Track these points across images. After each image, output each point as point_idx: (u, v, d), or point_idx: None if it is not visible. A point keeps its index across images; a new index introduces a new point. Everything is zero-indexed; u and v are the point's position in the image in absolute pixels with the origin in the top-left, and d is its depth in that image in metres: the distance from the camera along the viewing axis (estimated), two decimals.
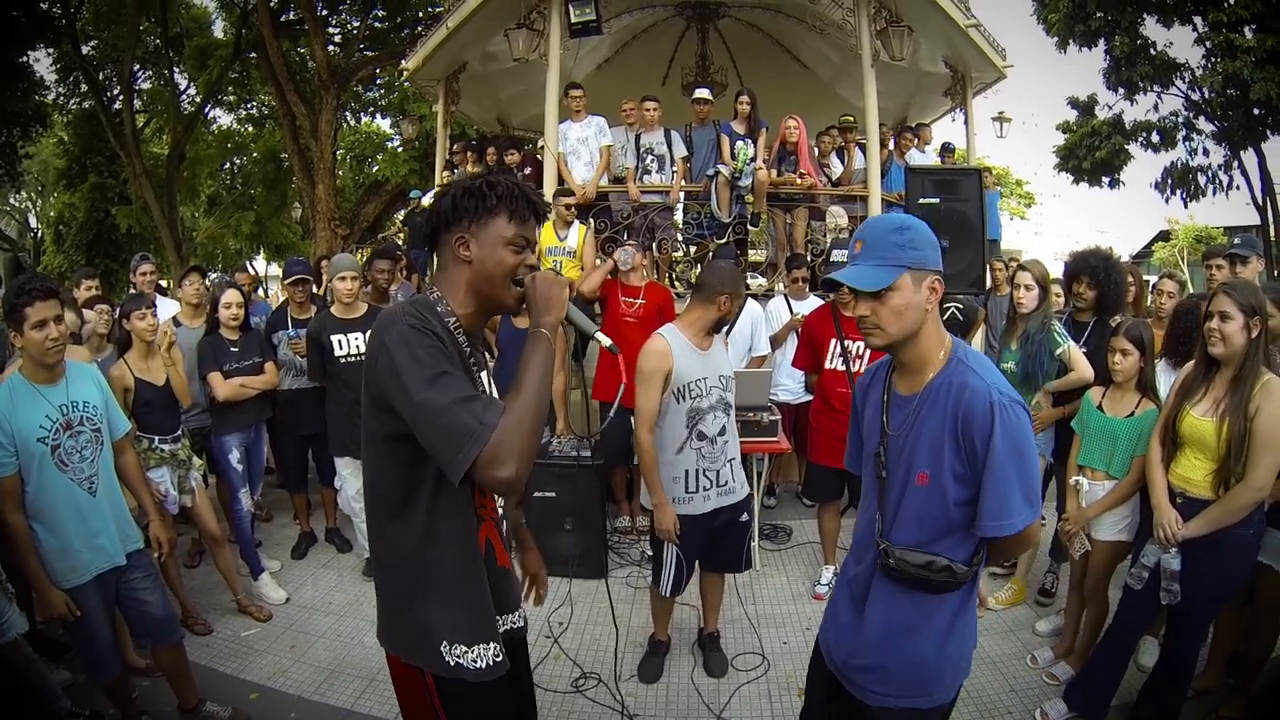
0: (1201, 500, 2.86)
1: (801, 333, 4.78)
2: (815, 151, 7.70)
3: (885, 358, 1.99)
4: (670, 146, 7.09)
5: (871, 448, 1.98)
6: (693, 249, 7.27)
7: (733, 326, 5.43)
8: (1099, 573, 3.47)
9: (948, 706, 1.95)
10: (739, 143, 6.79)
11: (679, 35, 10.23)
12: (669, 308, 5.26)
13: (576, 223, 6.18)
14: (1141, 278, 4.95)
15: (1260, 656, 3.23)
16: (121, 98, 17.93)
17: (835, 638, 2.07)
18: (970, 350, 1.85)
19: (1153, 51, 16.31)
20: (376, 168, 19.74)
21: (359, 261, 6.13)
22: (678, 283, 7.24)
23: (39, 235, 27.62)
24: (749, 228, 7.21)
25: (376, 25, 17.59)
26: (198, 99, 19.74)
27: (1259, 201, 16.69)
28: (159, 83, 19.81)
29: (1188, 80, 16.57)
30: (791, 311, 5.69)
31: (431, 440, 1.52)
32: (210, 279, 6.11)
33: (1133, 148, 18.13)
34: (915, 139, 8.49)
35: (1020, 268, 4.25)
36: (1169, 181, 18.07)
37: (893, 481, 1.90)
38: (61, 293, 2.92)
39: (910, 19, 7.38)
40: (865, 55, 7.46)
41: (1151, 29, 16.28)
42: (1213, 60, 15.39)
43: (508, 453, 1.48)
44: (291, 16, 16.89)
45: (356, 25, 17.40)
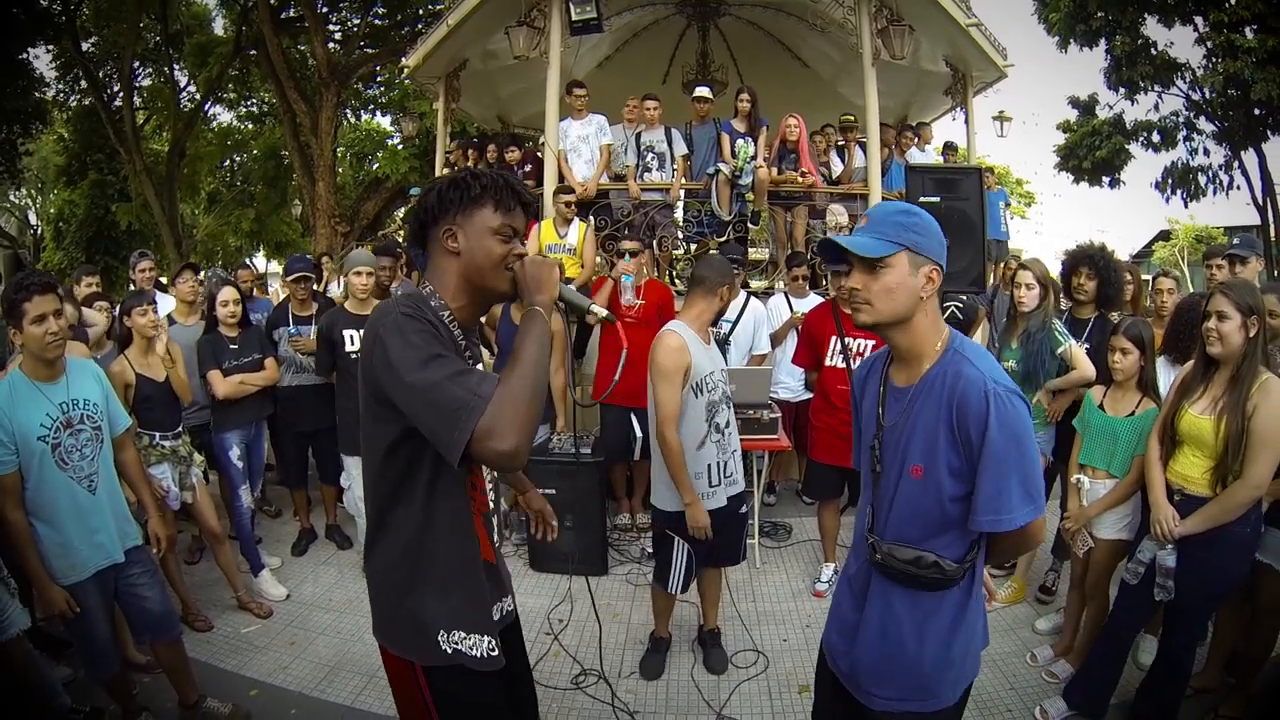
0: (1199, 498, 2.87)
1: (801, 330, 4.78)
2: (821, 146, 7.70)
3: (883, 349, 1.95)
4: (671, 144, 7.09)
5: (867, 440, 1.95)
6: (693, 247, 7.26)
7: (735, 326, 5.44)
8: (1100, 571, 3.48)
9: (953, 709, 1.90)
10: (739, 140, 6.80)
11: (680, 33, 10.22)
12: (669, 306, 5.25)
13: (577, 220, 6.18)
14: (1140, 276, 4.95)
15: (1259, 656, 3.23)
16: (121, 94, 17.95)
17: (838, 638, 2.03)
18: (968, 342, 1.82)
19: (1153, 51, 16.33)
20: (377, 165, 19.76)
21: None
22: (678, 280, 7.23)
23: (39, 232, 27.63)
24: (749, 226, 7.20)
25: (377, 22, 17.61)
26: (198, 96, 19.76)
27: (1259, 201, 16.71)
28: (159, 80, 19.81)
29: (1188, 80, 16.59)
30: (792, 309, 5.69)
31: (427, 420, 1.51)
32: (203, 274, 6.09)
33: (1133, 147, 18.15)
34: (916, 138, 8.49)
35: (1021, 266, 4.25)
36: (1169, 181, 18.09)
37: (887, 475, 1.86)
38: (60, 288, 2.91)
39: (911, 18, 7.37)
40: (866, 54, 7.45)
41: (1152, 29, 16.33)
42: (1213, 60, 15.41)
43: (506, 424, 1.45)
44: (292, 14, 16.91)
45: (357, 22, 17.42)
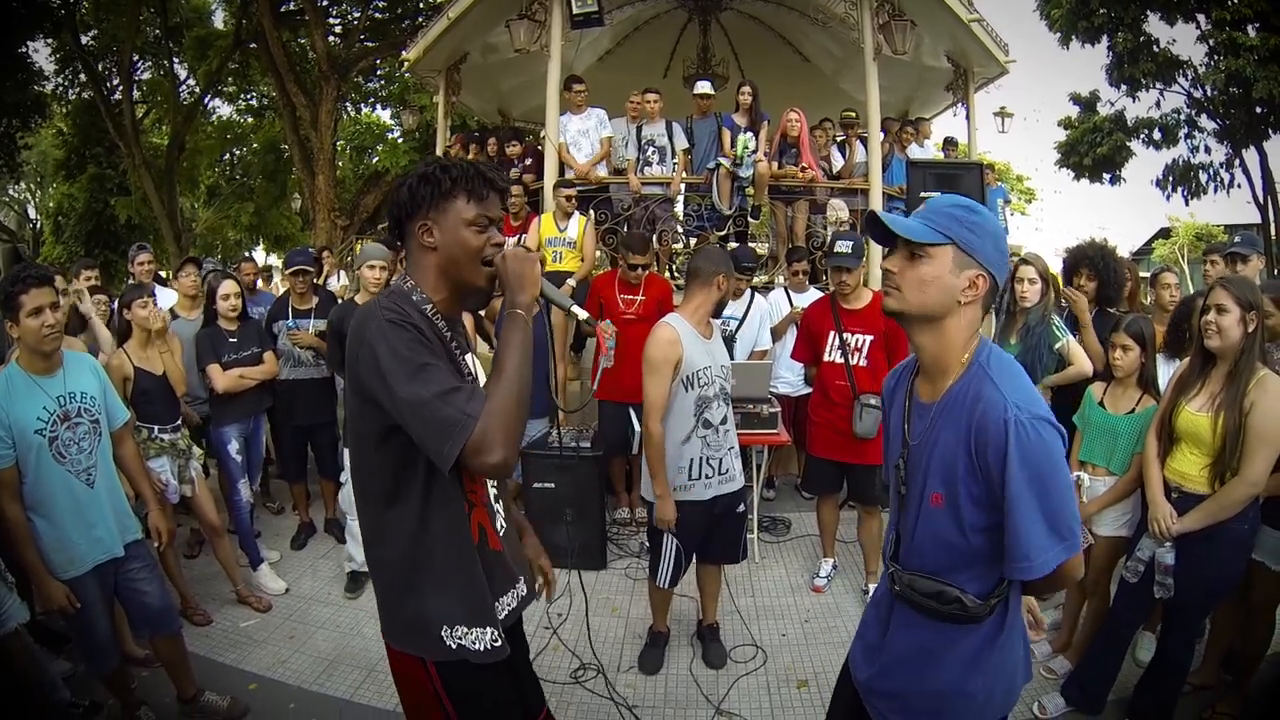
0: (1197, 495, 2.86)
1: (800, 325, 4.77)
2: (821, 140, 7.69)
3: (911, 357, 1.82)
4: (671, 138, 7.07)
5: (893, 458, 1.83)
6: (693, 241, 7.25)
7: (742, 323, 5.42)
8: (1100, 568, 3.47)
9: None
10: (741, 135, 6.79)
11: (681, 27, 10.21)
12: (669, 301, 5.23)
13: (577, 213, 6.17)
14: (1138, 273, 4.94)
15: (1255, 653, 3.23)
16: (121, 88, 17.93)
17: (861, 656, 1.95)
18: (997, 354, 1.65)
19: (1155, 48, 16.32)
20: (376, 159, 19.77)
21: (359, 252, 6.12)
22: (678, 275, 7.23)
23: (38, 226, 27.60)
24: (750, 220, 7.19)
25: (377, 16, 17.60)
26: (197, 89, 19.74)
27: (1260, 200, 16.71)
28: (159, 73, 19.80)
29: (1190, 77, 16.58)
30: (791, 304, 5.68)
31: (418, 432, 1.55)
32: (206, 267, 6.07)
33: (1134, 144, 18.15)
34: (915, 133, 8.48)
35: (1022, 261, 4.24)
36: (1170, 179, 18.09)
37: (910, 498, 1.74)
38: (57, 283, 2.91)
39: (913, 13, 7.37)
40: (867, 49, 7.45)
41: (1154, 26, 16.34)
42: (1215, 58, 15.41)
43: (494, 439, 1.51)
44: (292, 7, 16.90)
45: (357, 16, 17.39)
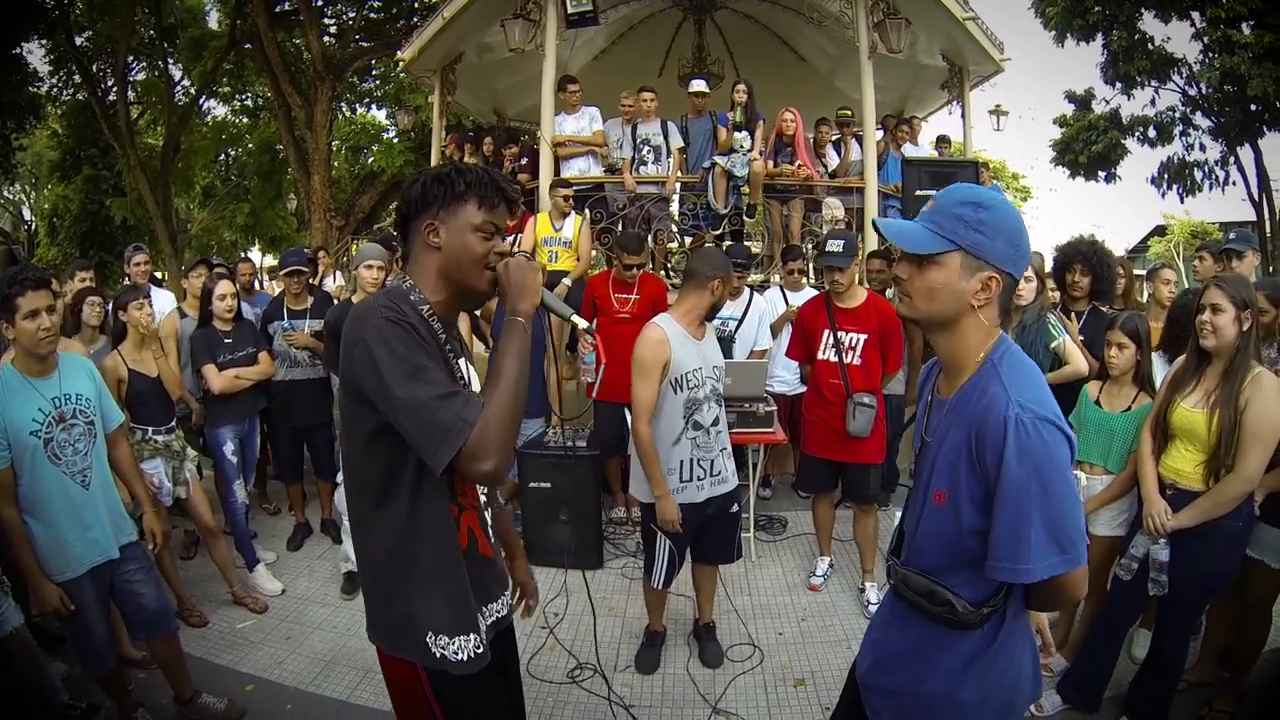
0: (1191, 492, 2.87)
1: (795, 323, 4.78)
2: (811, 142, 7.69)
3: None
4: (667, 137, 7.06)
5: (915, 452, 1.82)
6: (689, 240, 7.25)
7: (741, 323, 5.42)
8: (1097, 567, 3.44)
9: None
10: (737, 135, 6.80)
11: (675, 27, 10.21)
12: (663, 300, 5.22)
13: (572, 213, 6.17)
14: (1131, 270, 4.95)
15: (1251, 650, 3.24)
16: (116, 89, 17.85)
17: (866, 649, 1.93)
18: (1011, 353, 1.59)
19: (1150, 46, 16.33)
20: (372, 159, 19.77)
21: (355, 252, 6.12)
22: (673, 274, 7.23)
23: (33, 228, 27.52)
24: (745, 219, 7.20)
25: (372, 16, 17.55)
26: (192, 90, 19.67)
27: (1255, 197, 16.75)
28: (153, 74, 19.70)
29: (1185, 75, 16.60)
30: (787, 303, 5.68)
31: (412, 434, 1.54)
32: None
33: (1129, 142, 18.16)
34: (911, 131, 8.49)
35: None
36: (1165, 176, 18.11)
37: (917, 496, 1.73)
38: (53, 285, 2.90)
39: (908, 12, 7.38)
40: (862, 48, 7.46)
41: (1149, 24, 16.33)
42: (1210, 55, 15.42)
43: (488, 447, 1.51)
44: (286, 7, 16.85)
45: (352, 16, 17.33)
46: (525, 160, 7.91)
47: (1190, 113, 17.28)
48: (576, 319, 1.89)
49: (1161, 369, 3.57)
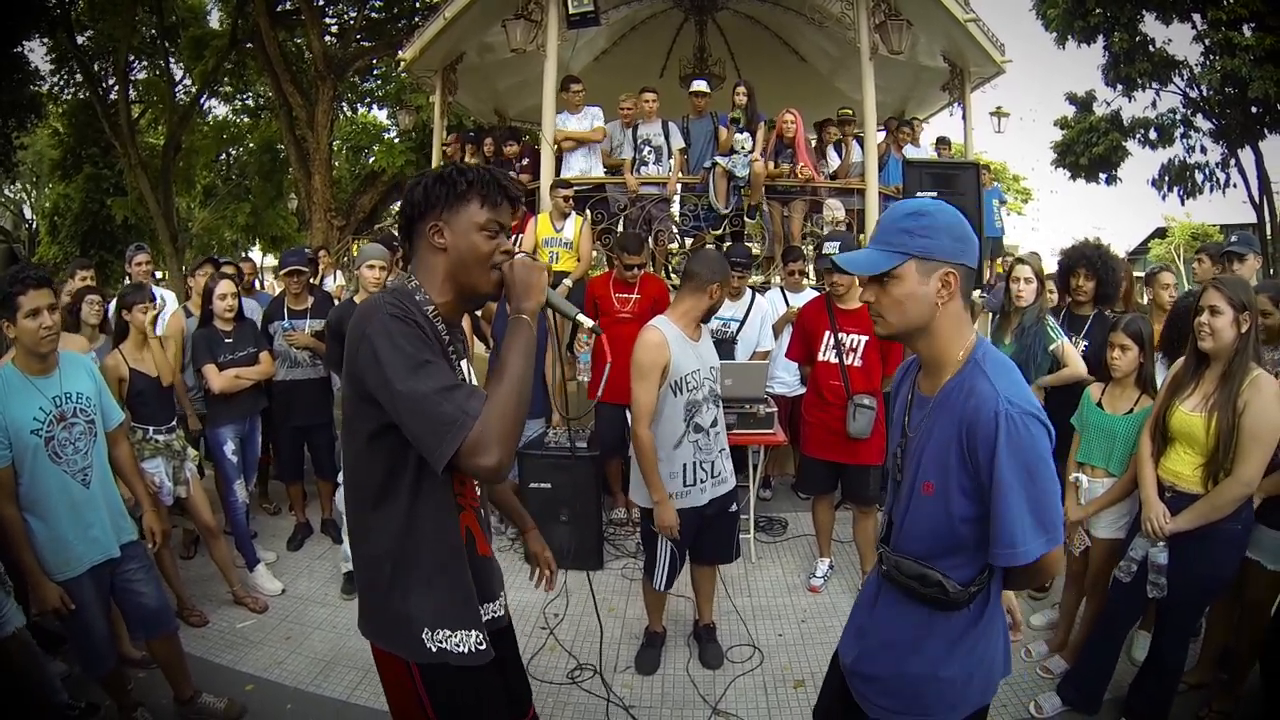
0: (1190, 495, 2.87)
1: (795, 324, 4.78)
2: (812, 143, 7.69)
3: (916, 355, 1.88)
4: (668, 138, 7.07)
5: (892, 446, 1.92)
6: (689, 241, 7.25)
7: (743, 325, 5.42)
8: (1099, 570, 3.47)
9: None
10: (738, 136, 6.80)
11: (677, 27, 10.22)
12: (664, 300, 5.21)
13: (573, 213, 6.17)
14: (1133, 273, 4.95)
15: (1249, 652, 3.23)
16: (117, 88, 17.84)
17: (850, 639, 2.01)
18: (992, 352, 1.70)
19: (1151, 48, 16.35)
20: (373, 159, 19.76)
21: (355, 252, 6.12)
22: (674, 275, 7.23)
23: (34, 227, 27.51)
24: (746, 220, 7.21)
25: (373, 15, 17.53)
26: (193, 89, 19.65)
27: (1255, 199, 16.76)
28: (154, 73, 19.70)
29: (1186, 77, 16.62)
30: (788, 304, 5.68)
31: (414, 430, 1.53)
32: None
33: (1130, 144, 18.20)
34: (912, 133, 8.49)
35: (1018, 261, 4.25)
36: (1166, 178, 18.14)
37: (904, 487, 1.82)
38: (54, 284, 2.90)
39: (909, 13, 7.38)
40: (863, 49, 7.45)
41: (1150, 26, 16.36)
42: (1211, 58, 15.44)
43: (491, 441, 1.49)
44: (288, 7, 16.85)
45: (353, 15, 17.32)
46: (526, 160, 7.91)
47: (1191, 115, 17.30)
48: (582, 318, 1.89)
49: (1161, 371, 3.57)
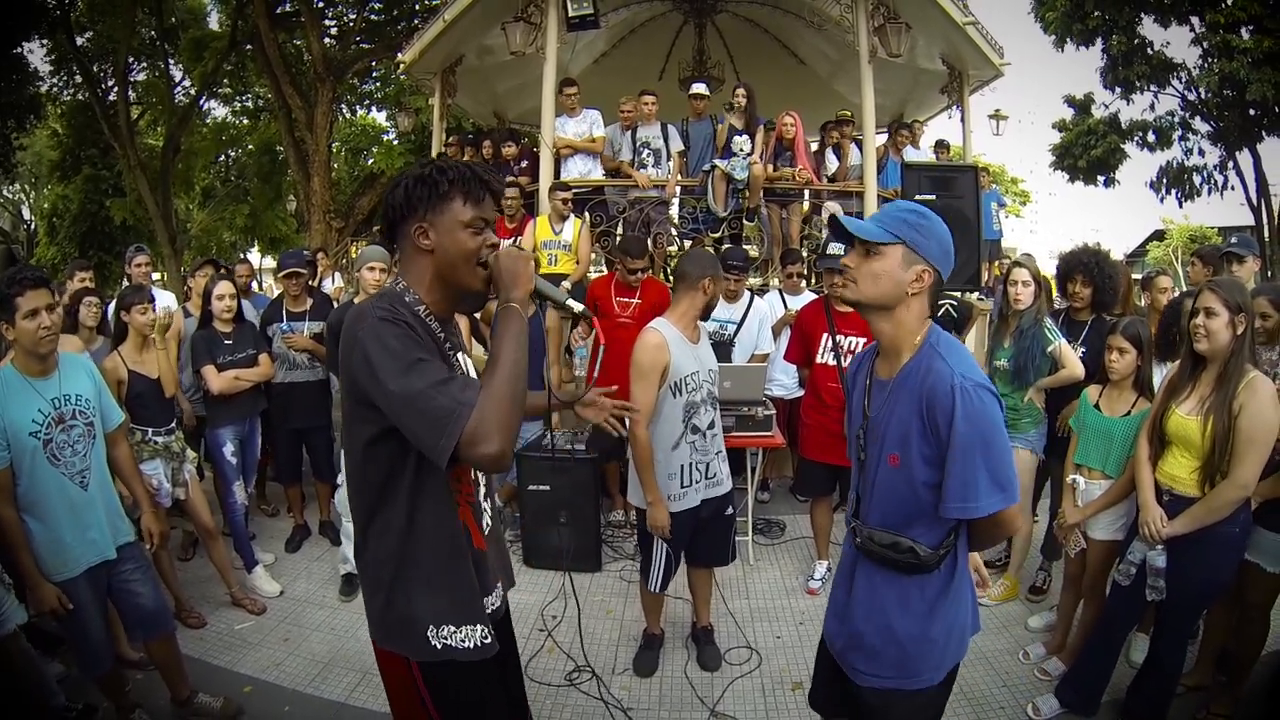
0: (1188, 498, 2.87)
1: (794, 326, 4.78)
2: (813, 146, 7.70)
3: (873, 344, 2.05)
4: (667, 141, 7.08)
5: (854, 431, 2.06)
6: (688, 243, 7.26)
7: (741, 327, 5.41)
8: (1096, 572, 3.47)
9: (937, 689, 1.97)
10: (736, 137, 6.80)
11: (676, 30, 10.22)
12: (666, 305, 5.19)
13: (572, 216, 6.17)
14: (1130, 276, 4.96)
15: (1249, 654, 3.24)
16: (116, 89, 17.85)
17: (833, 619, 2.15)
18: (944, 337, 1.88)
19: (1150, 51, 16.40)
20: (372, 160, 19.77)
21: (354, 254, 6.12)
22: (673, 277, 7.23)
23: (32, 227, 27.53)
24: (744, 222, 7.21)
25: (373, 18, 17.55)
26: (193, 91, 19.67)
27: (1253, 202, 16.79)
28: (154, 74, 19.72)
29: (1184, 80, 16.67)
30: (786, 307, 5.68)
31: (413, 428, 1.53)
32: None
33: (1128, 147, 18.25)
34: (911, 135, 8.50)
35: (1015, 264, 4.25)
36: (1164, 181, 18.18)
37: (869, 463, 1.97)
38: (52, 285, 2.90)
39: (908, 16, 7.39)
40: (862, 52, 7.47)
41: (1149, 29, 16.41)
42: (1209, 60, 15.47)
43: (490, 428, 1.48)
44: (287, 9, 16.84)
45: (353, 17, 17.34)
46: (525, 163, 7.92)
47: (1189, 117, 17.36)
48: (571, 302, 1.89)
49: (1157, 373, 3.58)
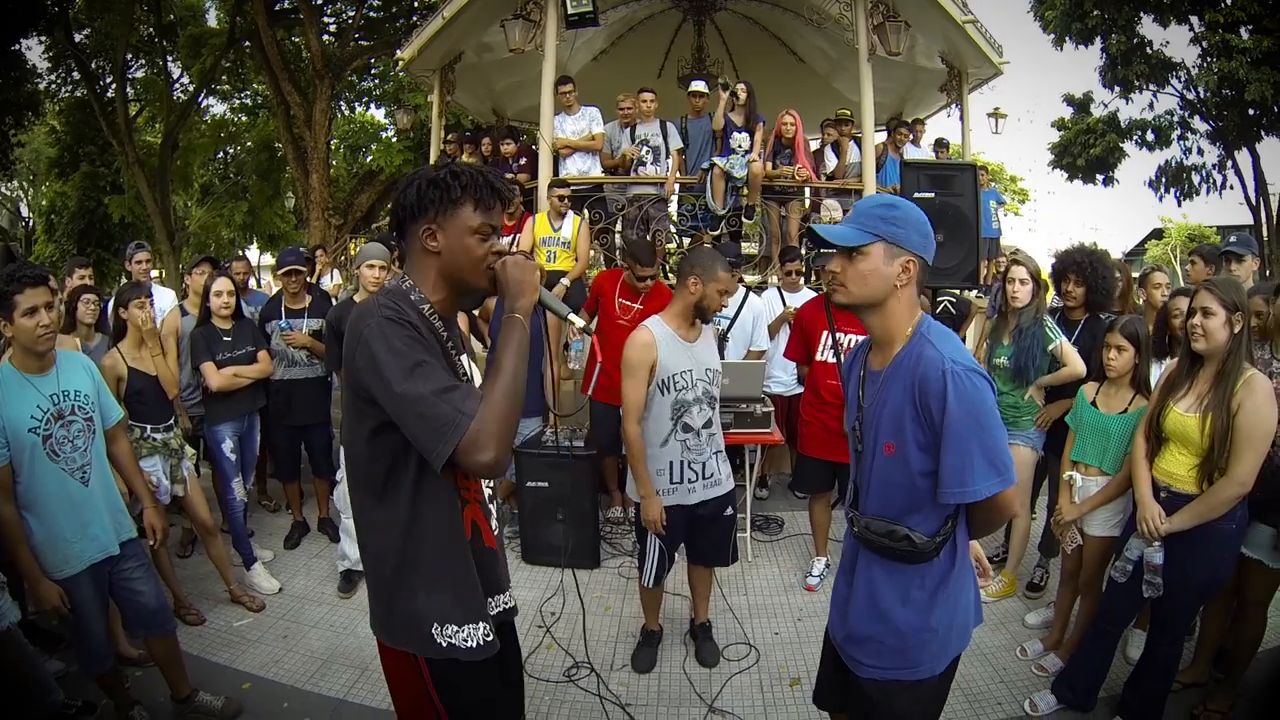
0: (1185, 495, 2.88)
1: (794, 324, 4.78)
2: (811, 144, 7.70)
3: (867, 338, 2.06)
4: (665, 138, 7.08)
5: (850, 422, 2.08)
6: (687, 241, 7.26)
7: (734, 323, 5.41)
8: (1093, 568, 3.49)
9: (938, 680, 1.97)
10: (735, 134, 6.81)
11: (675, 28, 10.22)
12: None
13: (571, 213, 6.17)
14: (1130, 274, 4.97)
15: (1246, 650, 3.25)
16: (114, 86, 17.83)
17: (835, 612, 2.16)
18: (935, 326, 1.90)
19: (1149, 50, 16.43)
20: (370, 158, 19.72)
21: (354, 251, 6.12)
22: (671, 275, 7.23)
23: (30, 225, 27.46)
24: (743, 220, 7.21)
25: (372, 14, 17.50)
26: (191, 88, 19.62)
27: (1252, 201, 16.80)
28: (152, 71, 19.68)
29: (1183, 79, 16.69)
30: (785, 304, 5.69)
31: (413, 430, 1.56)
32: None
33: (1127, 146, 18.26)
34: (911, 134, 8.50)
35: (1014, 262, 4.26)
36: (1163, 180, 18.21)
37: (866, 453, 1.99)
38: (52, 282, 2.89)
39: (907, 14, 7.39)
40: (862, 50, 7.47)
41: (1148, 28, 16.44)
42: (1208, 60, 15.49)
43: (487, 439, 1.53)
44: (286, 5, 16.81)
45: (352, 14, 17.29)
46: (524, 160, 7.92)
47: (1188, 116, 17.38)
48: (574, 317, 1.91)
49: (1156, 370, 3.59)
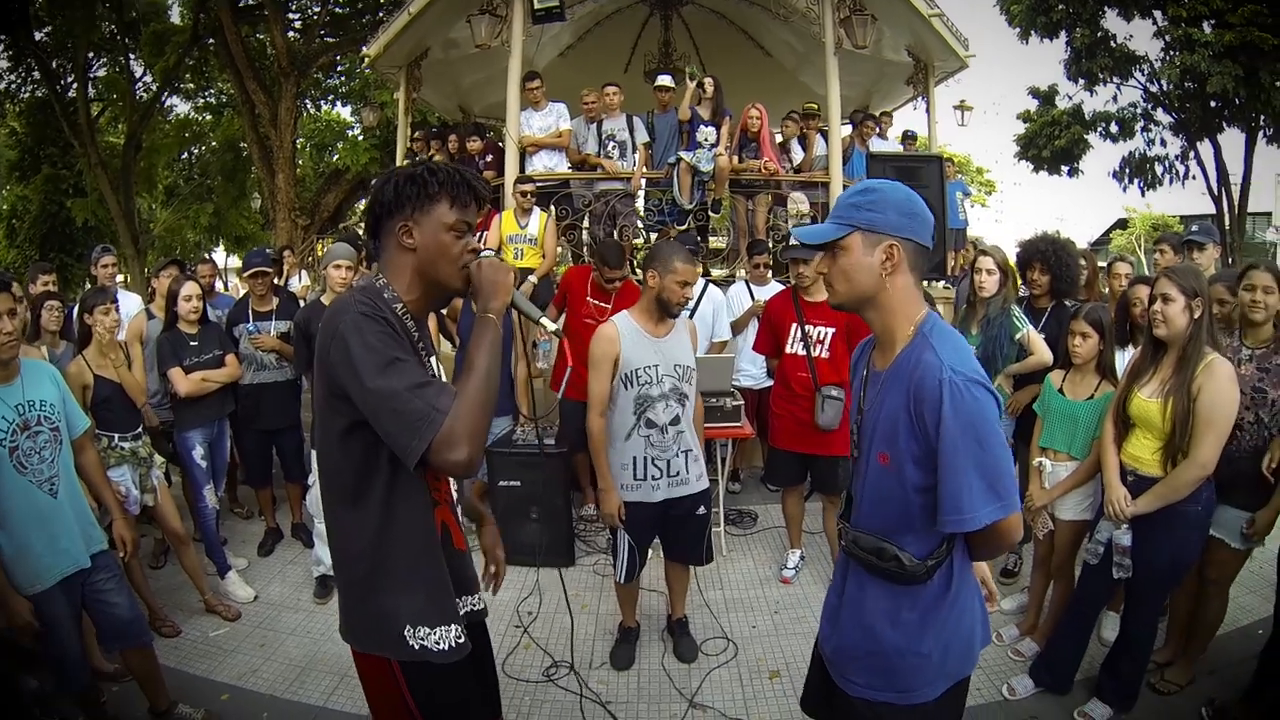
0: (1151, 478, 2.95)
1: (763, 317, 4.80)
2: (776, 138, 7.73)
3: (872, 335, 1.92)
4: (632, 133, 7.08)
5: (853, 423, 1.96)
6: (654, 235, 7.27)
7: (694, 314, 5.40)
8: (1064, 552, 3.56)
9: (934, 705, 1.80)
10: (702, 128, 6.82)
11: (642, 22, 10.23)
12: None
13: (537, 209, 6.15)
14: (1095, 262, 5.04)
15: (1207, 629, 3.35)
16: (76, 86, 17.43)
17: (826, 622, 2.03)
18: (940, 326, 1.76)
19: (1113, 44, 16.65)
20: (337, 156, 19.52)
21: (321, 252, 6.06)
22: (638, 270, 7.24)
23: None
24: (710, 214, 7.24)
25: (337, 11, 17.29)
26: (154, 87, 19.22)
27: (1214, 191, 17.12)
28: (114, 70, 19.23)
29: (1146, 73, 16.94)
30: (753, 297, 5.71)
31: (385, 427, 1.56)
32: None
33: (1092, 137, 18.46)
34: (878, 127, 8.56)
35: (981, 253, 4.31)
36: (1127, 171, 18.46)
37: (861, 460, 1.86)
38: (15, 289, 2.83)
39: (873, 7, 7.45)
40: (828, 43, 7.51)
41: (1112, 22, 16.64)
42: (1171, 54, 15.74)
43: (461, 436, 1.53)
44: (250, 2, 16.53)
45: (317, 10, 17.08)
46: (490, 157, 7.88)
47: (1151, 109, 17.64)
48: (545, 321, 1.91)
49: (1121, 358, 3.66)
